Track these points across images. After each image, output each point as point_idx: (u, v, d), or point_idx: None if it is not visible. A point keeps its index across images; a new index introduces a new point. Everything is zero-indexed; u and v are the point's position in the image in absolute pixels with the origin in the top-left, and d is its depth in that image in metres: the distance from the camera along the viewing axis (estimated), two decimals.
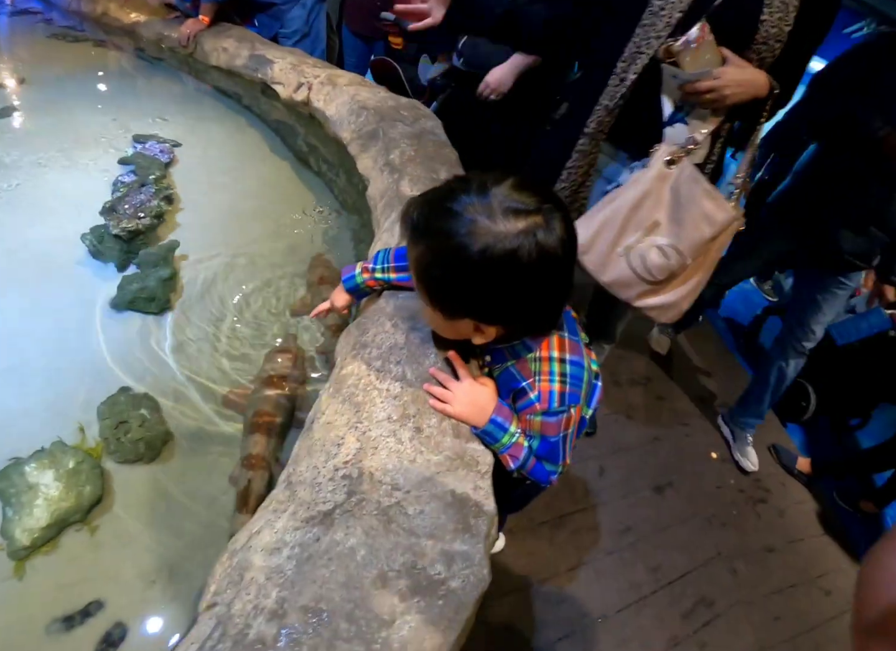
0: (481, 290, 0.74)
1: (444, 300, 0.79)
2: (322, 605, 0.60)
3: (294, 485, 0.75)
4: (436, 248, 0.75)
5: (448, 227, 0.72)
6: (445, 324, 0.84)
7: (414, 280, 0.82)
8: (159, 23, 3.04)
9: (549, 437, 0.86)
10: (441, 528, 0.70)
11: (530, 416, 0.86)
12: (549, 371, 0.85)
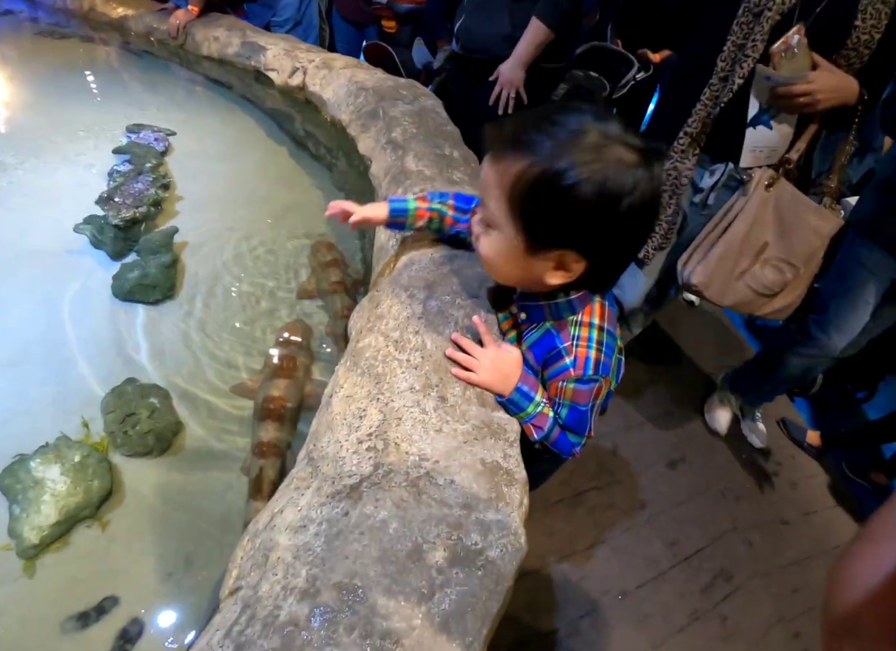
0: (593, 217, 0.68)
1: (543, 226, 0.70)
2: (357, 580, 0.56)
3: (316, 460, 0.71)
4: (547, 163, 0.66)
5: (568, 142, 0.66)
6: (520, 260, 0.75)
7: (500, 202, 0.72)
8: (148, 15, 2.99)
9: (579, 405, 0.82)
10: (474, 498, 0.66)
11: (563, 382, 0.81)
12: (587, 337, 0.81)
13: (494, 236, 0.75)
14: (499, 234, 0.75)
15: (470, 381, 0.82)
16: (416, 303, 0.89)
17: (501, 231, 0.74)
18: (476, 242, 0.80)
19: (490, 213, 0.74)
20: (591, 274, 0.75)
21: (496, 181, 0.71)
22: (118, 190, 1.67)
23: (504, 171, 0.70)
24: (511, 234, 0.73)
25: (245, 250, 1.70)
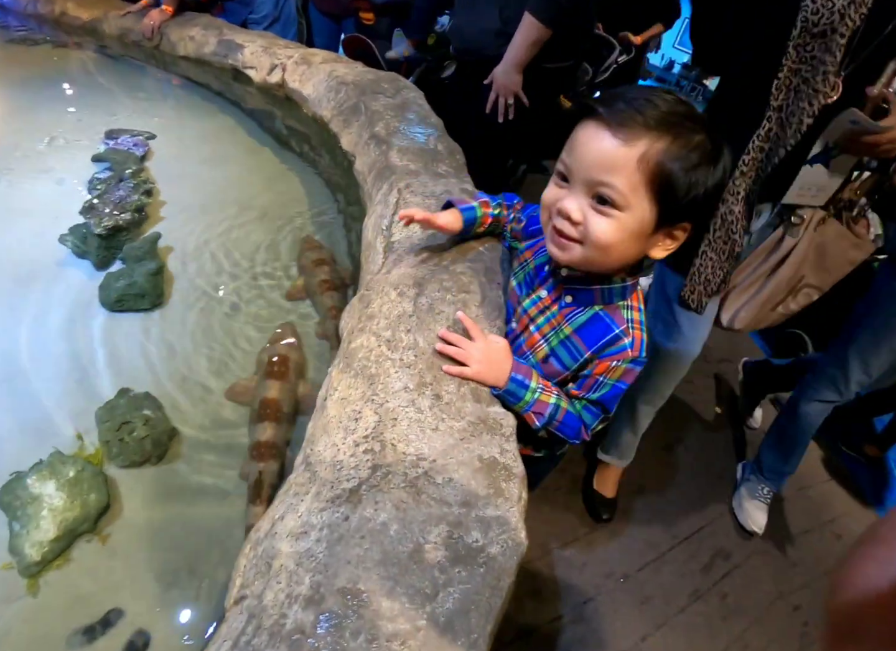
0: (719, 189, 0.74)
1: (680, 202, 0.71)
2: (360, 585, 0.57)
3: (314, 465, 0.71)
4: (684, 142, 0.69)
5: (690, 119, 0.71)
6: (643, 238, 0.75)
7: (635, 182, 0.70)
8: (121, 17, 2.95)
9: (623, 383, 0.83)
10: (473, 495, 0.66)
11: (618, 362, 0.81)
12: (639, 321, 0.83)
13: (620, 216, 0.72)
14: (626, 215, 0.72)
15: (463, 376, 0.82)
16: (406, 301, 0.89)
17: (630, 211, 0.72)
18: (575, 228, 0.75)
19: (617, 192, 0.71)
20: (683, 244, 0.79)
21: (633, 159, 0.69)
22: (100, 198, 1.65)
23: (645, 151, 0.69)
24: (643, 213, 0.72)
25: (232, 253, 1.69)
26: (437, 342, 0.84)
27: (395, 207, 1.14)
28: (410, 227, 1.07)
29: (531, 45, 1.86)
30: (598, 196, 0.72)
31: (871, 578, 0.26)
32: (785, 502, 2.11)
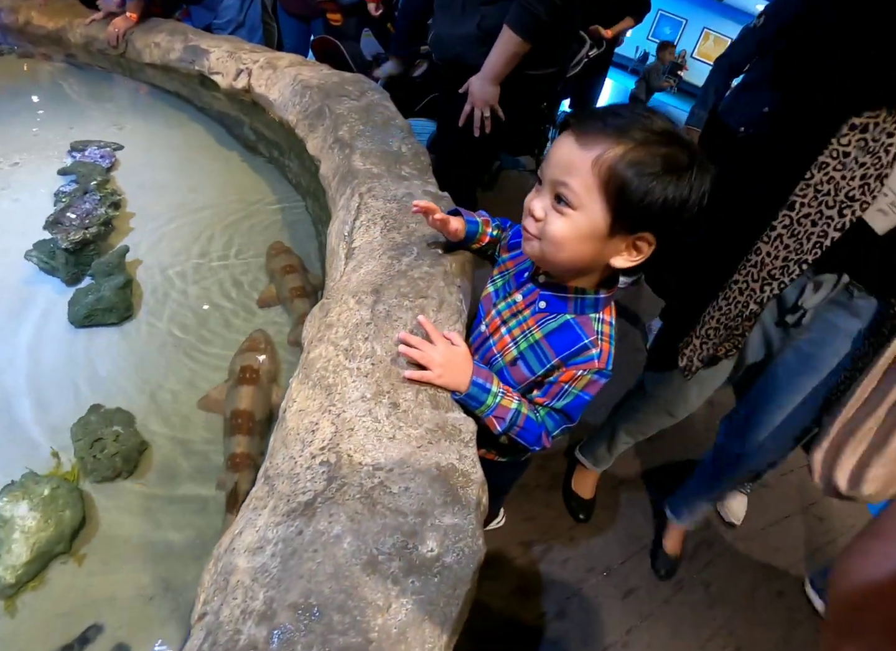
0: (682, 203, 0.72)
1: (634, 209, 0.72)
2: (312, 599, 0.56)
3: (272, 478, 0.71)
4: (650, 150, 0.71)
5: (665, 136, 0.72)
6: (597, 241, 0.76)
7: (589, 183, 0.72)
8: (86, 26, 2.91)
9: (586, 394, 0.85)
10: (429, 503, 0.66)
11: (584, 371, 0.83)
12: (609, 334, 0.85)
13: (573, 215, 0.75)
14: (579, 214, 0.75)
15: (425, 380, 0.82)
16: (364, 308, 0.89)
17: (583, 211, 0.75)
18: (536, 224, 0.80)
19: (572, 192, 0.74)
20: (650, 260, 0.79)
21: (588, 161, 0.72)
22: (65, 212, 1.63)
23: (600, 153, 0.71)
24: (595, 215, 0.74)
25: (202, 262, 1.67)
26: (394, 350, 0.84)
27: (356, 212, 1.13)
28: (371, 232, 1.07)
29: (509, 59, 1.77)
30: (557, 195, 0.76)
31: (869, 573, 0.26)
32: (767, 489, 2.13)
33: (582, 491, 1.90)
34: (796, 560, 1.93)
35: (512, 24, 1.68)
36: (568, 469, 1.97)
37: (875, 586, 0.26)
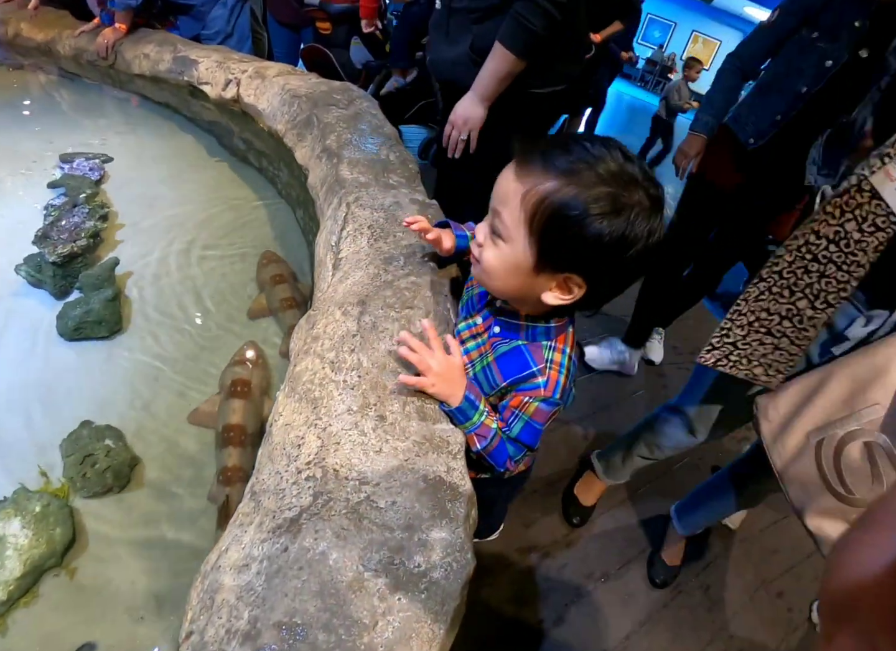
0: (609, 253, 0.70)
1: (559, 249, 0.71)
2: (297, 618, 0.56)
3: (258, 494, 0.70)
4: (579, 191, 0.68)
5: (601, 176, 0.68)
6: (524, 275, 0.76)
7: (517, 217, 0.72)
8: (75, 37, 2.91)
9: (536, 422, 0.84)
10: (417, 517, 0.66)
11: (530, 399, 0.82)
12: (560, 362, 0.83)
13: (502, 247, 0.76)
14: (507, 247, 0.75)
15: (419, 386, 0.81)
16: (350, 320, 0.88)
17: (511, 244, 0.75)
18: (478, 249, 0.80)
19: (503, 224, 0.74)
20: (585, 300, 0.77)
21: (519, 196, 0.71)
22: (54, 225, 1.62)
23: (530, 188, 0.70)
24: (521, 249, 0.74)
25: (192, 274, 1.67)
26: (381, 361, 0.83)
27: (343, 222, 1.13)
28: (357, 242, 1.07)
29: (502, 79, 1.60)
30: (492, 224, 0.77)
31: (864, 561, 0.26)
32: None
33: (583, 497, 1.88)
34: (795, 561, 1.92)
35: (504, 40, 1.52)
36: (575, 474, 1.96)
37: (869, 575, 0.26)
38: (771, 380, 1.14)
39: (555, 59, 1.64)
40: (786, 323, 1.08)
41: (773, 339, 1.10)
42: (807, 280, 1.02)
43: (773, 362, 1.13)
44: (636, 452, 1.71)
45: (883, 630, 0.25)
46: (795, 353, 1.10)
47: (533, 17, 1.47)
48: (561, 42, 1.61)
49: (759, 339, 1.12)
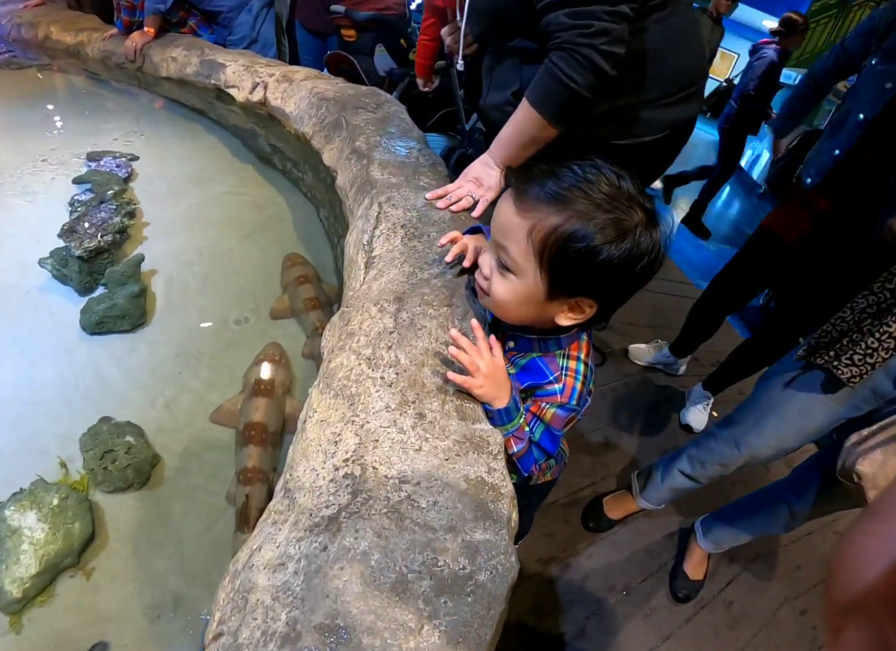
0: (617, 274, 0.71)
1: (569, 278, 0.73)
2: (339, 620, 0.53)
3: (293, 492, 0.68)
4: (583, 223, 0.69)
5: (602, 203, 0.69)
6: (536, 304, 0.77)
7: (525, 251, 0.73)
8: (104, 40, 2.95)
9: (554, 428, 0.84)
10: (459, 518, 0.63)
11: (547, 404, 0.83)
12: (576, 369, 0.84)
13: (512, 280, 0.77)
14: (517, 279, 0.76)
15: (467, 386, 0.79)
16: (387, 316, 0.86)
17: (521, 276, 0.75)
18: (485, 282, 0.81)
19: (511, 258, 0.75)
20: (597, 316, 0.79)
21: (524, 230, 0.72)
22: (80, 220, 1.62)
23: (536, 222, 0.71)
24: (532, 281, 0.74)
25: (216, 273, 1.66)
26: (419, 358, 0.81)
27: (375, 221, 1.11)
28: (391, 241, 1.05)
29: (525, 145, 1.20)
30: (499, 258, 0.77)
31: (871, 554, 0.26)
32: None
33: (610, 509, 1.83)
34: (819, 577, 1.87)
35: (532, 98, 1.16)
36: (609, 490, 1.92)
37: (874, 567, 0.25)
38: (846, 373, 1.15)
39: (638, 106, 1.28)
40: (886, 340, 1.08)
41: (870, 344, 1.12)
42: None
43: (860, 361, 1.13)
44: (677, 466, 1.65)
45: (892, 620, 0.24)
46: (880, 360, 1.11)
47: (574, 72, 1.08)
48: (642, 87, 1.26)
49: (857, 340, 1.14)
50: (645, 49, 1.20)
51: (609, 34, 1.05)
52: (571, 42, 1.06)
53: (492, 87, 1.44)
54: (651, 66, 1.23)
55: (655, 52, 1.21)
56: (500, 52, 1.38)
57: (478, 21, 1.36)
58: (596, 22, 1.04)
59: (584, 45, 1.05)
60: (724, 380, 2.27)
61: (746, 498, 1.67)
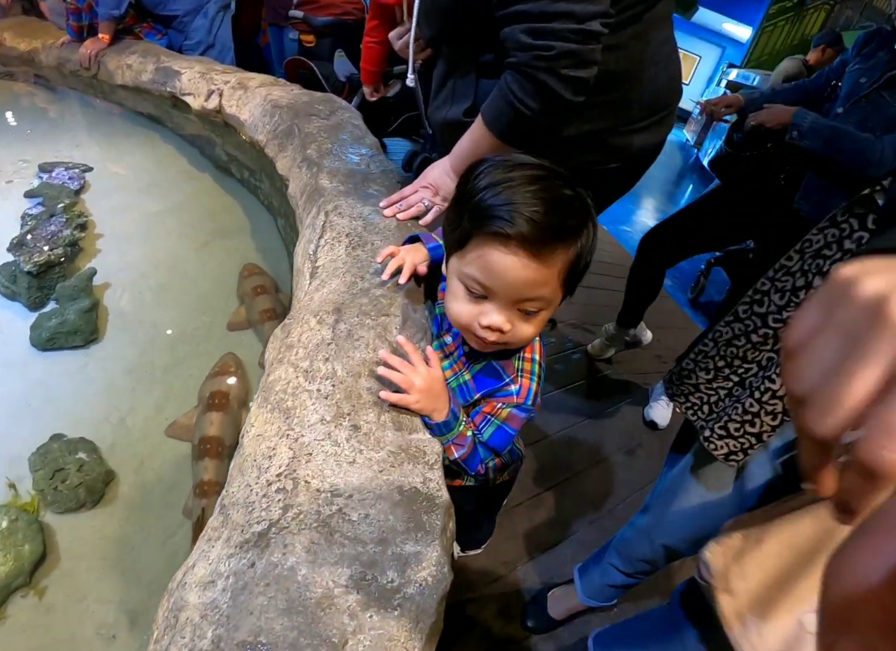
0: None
1: (576, 285, 0.78)
2: (262, 637, 0.53)
3: (227, 508, 0.68)
4: (587, 241, 0.74)
5: (584, 204, 0.74)
6: (542, 320, 0.78)
7: (556, 287, 0.74)
8: (58, 48, 2.90)
9: (509, 427, 0.85)
10: (391, 530, 0.63)
11: (504, 405, 0.84)
12: (531, 370, 0.86)
13: (542, 315, 0.77)
14: (547, 312, 0.77)
15: (402, 404, 0.79)
16: (325, 328, 0.86)
17: (551, 305, 0.77)
18: (504, 335, 0.76)
19: (543, 301, 0.75)
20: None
21: (555, 274, 0.72)
22: (30, 234, 1.59)
23: (562, 264, 0.72)
24: (558, 301, 0.78)
25: (171, 284, 1.64)
26: (356, 369, 0.81)
27: (321, 231, 1.11)
28: (335, 250, 1.05)
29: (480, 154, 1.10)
30: (525, 309, 0.75)
31: (864, 569, 0.25)
32: None
33: (553, 607, 1.55)
34: None
35: (486, 115, 1.10)
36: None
37: (868, 582, 0.25)
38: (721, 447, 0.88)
39: (609, 132, 1.19)
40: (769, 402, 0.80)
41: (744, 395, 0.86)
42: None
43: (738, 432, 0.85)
44: (608, 560, 1.34)
45: (884, 637, 0.24)
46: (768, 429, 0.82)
47: (528, 98, 1.00)
48: (614, 111, 1.17)
49: (726, 389, 0.92)
50: (619, 69, 1.09)
51: (574, 57, 0.93)
52: (528, 65, 0.95)
53: (443, 100, 1.32)
54: (625, 88, 1.12)
55: (630, 71, 1.11)
56: (454, 60, 1.26)
57: (429, 23, 1.22)
58: (558, 43, 0.92)
59: (542, 69, 0.94)
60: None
61: (650, 612, 1.28)
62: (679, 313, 3.17)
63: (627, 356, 2.66)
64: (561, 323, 2.74)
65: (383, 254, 0.99)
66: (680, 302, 3.28)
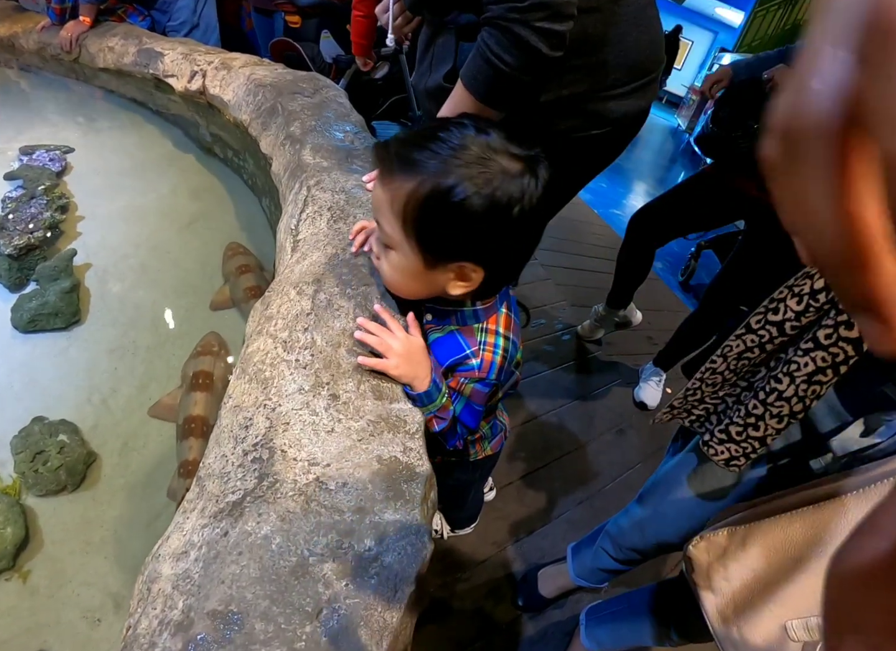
0: (486, 228, 0.69)
1: (438, 242, 0.71)
2: (232, 606, 0.52)
3: (203, 479, 0.66)
4: (436, 182, 0.66)
5: (452, 158, 0.66)
6: (421, 276, 0.75)
7: (393, 223, 0.72)
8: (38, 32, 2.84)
9: (474, 403, 0.84)
10: (369, 499, 0.62)
11: (465, 379, 0.82)
12: (494, 343, 0.83)
13: (393, 256, 0.76)
14: (396, 255, 0.75)
15: (379, 368, 0.77)
16: (304, 299, 0.84)
17: (399, 250, 0.74)
18: (377, 261, 0.80)
19: (385, 234, 0.74)
20: (490, 280, 0.76)
21: (388, 203, 0.71)
22: (9, 217, 1.56)
23: (394, 193, 0.70)
24: (408, 253, 0.73)
25: (153, 265, 1.61)
26: (335, 339, 0.79)
27: (303, 205, 1.09)
28: (317, 224, 1.03)
29: None
30: (378, 237, 0.77)
31: (867, 570, 0.24)
32: None
33: (544, 584, 1.55)
34: None
35: (466, 78, 1.07)
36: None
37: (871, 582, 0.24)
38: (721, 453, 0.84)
39: (583, 98, 1.17)
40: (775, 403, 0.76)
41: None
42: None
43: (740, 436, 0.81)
44: (601, 544, 1.33)
45: (889, 638, 0.23)
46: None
47: (504, 52, 0.98)
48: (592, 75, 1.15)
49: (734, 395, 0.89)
50: (597, 32, 1.07)
51: (548, 9, 0.91)
52: (503, 17, 0.94)
53: (426, 67, 1.31)
54: (605, 52, 1.11)
55: (611, 36, 1.09)
56: (436, 26, 1.25)
57: None
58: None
59: (517, 21, 0.93)
60: (674, 355, 2.30)
61: (627, 594, 1.35)
62: (669, 296, 3.16)
63: (617, 337, 2.65)
64: (551, 305, 2.73)
65: (354, 230, 0.98)
66: (670, 284, 3.27)
